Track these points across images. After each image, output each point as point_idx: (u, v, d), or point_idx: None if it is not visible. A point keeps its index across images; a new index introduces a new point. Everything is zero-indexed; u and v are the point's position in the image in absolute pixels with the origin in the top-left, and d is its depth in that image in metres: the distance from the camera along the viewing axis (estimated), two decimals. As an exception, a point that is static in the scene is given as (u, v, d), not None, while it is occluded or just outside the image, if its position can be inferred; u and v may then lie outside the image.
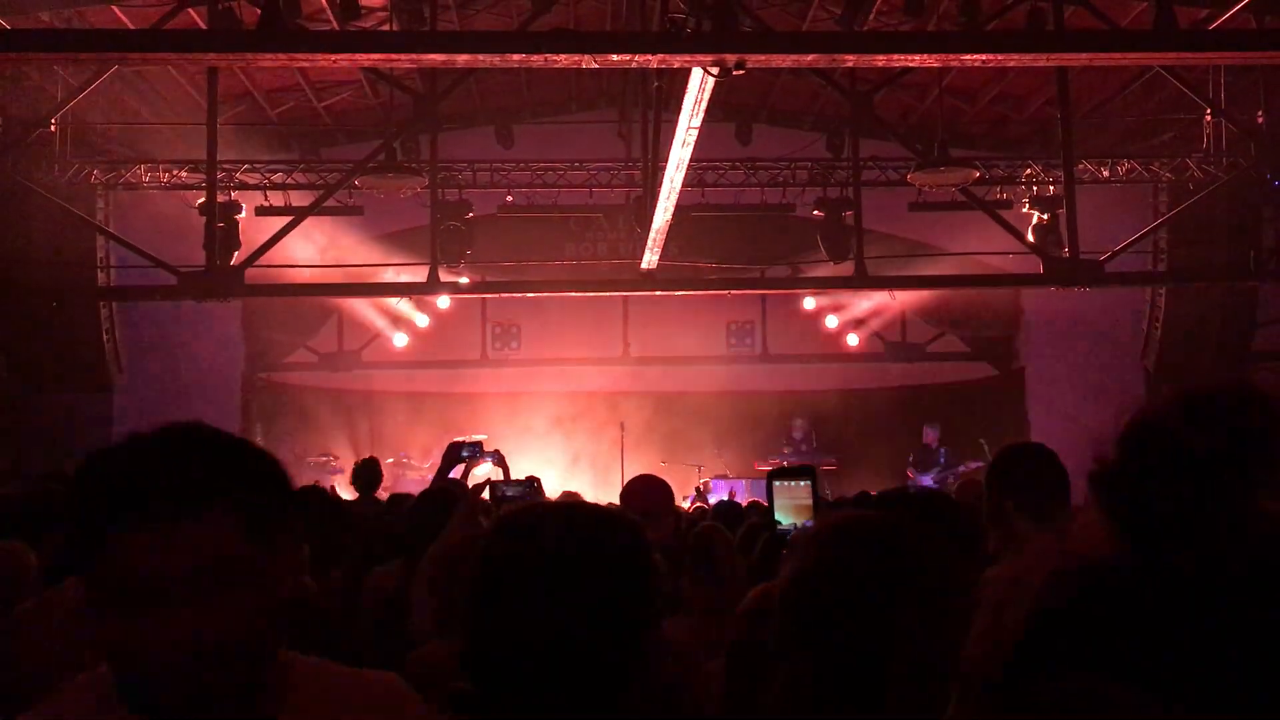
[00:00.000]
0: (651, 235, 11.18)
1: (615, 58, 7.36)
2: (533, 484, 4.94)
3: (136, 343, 13.93)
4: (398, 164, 11.80)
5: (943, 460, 14.83)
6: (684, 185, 10.58)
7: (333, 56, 7.17)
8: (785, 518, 2.13)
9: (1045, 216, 13.04)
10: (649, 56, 7.44)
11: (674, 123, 8.76)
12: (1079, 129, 12.61)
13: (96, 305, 13.23)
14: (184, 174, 13.12)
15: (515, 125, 15.30)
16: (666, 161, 9.55)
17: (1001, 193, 13.96)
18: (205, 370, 14.77)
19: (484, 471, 7.05)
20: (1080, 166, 12.98)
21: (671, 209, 10.41)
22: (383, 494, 13.46)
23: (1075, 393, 15.24)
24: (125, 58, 8.36)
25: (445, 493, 5.08)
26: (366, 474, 8.73)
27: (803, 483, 2.15)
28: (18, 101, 11.81)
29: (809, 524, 2.13)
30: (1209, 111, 12.59)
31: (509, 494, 4.40)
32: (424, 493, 5.12)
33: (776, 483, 2.16)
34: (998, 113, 14.85)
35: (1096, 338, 15.04)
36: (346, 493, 9.10)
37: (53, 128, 11.92)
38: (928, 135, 12.92)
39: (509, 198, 14.39)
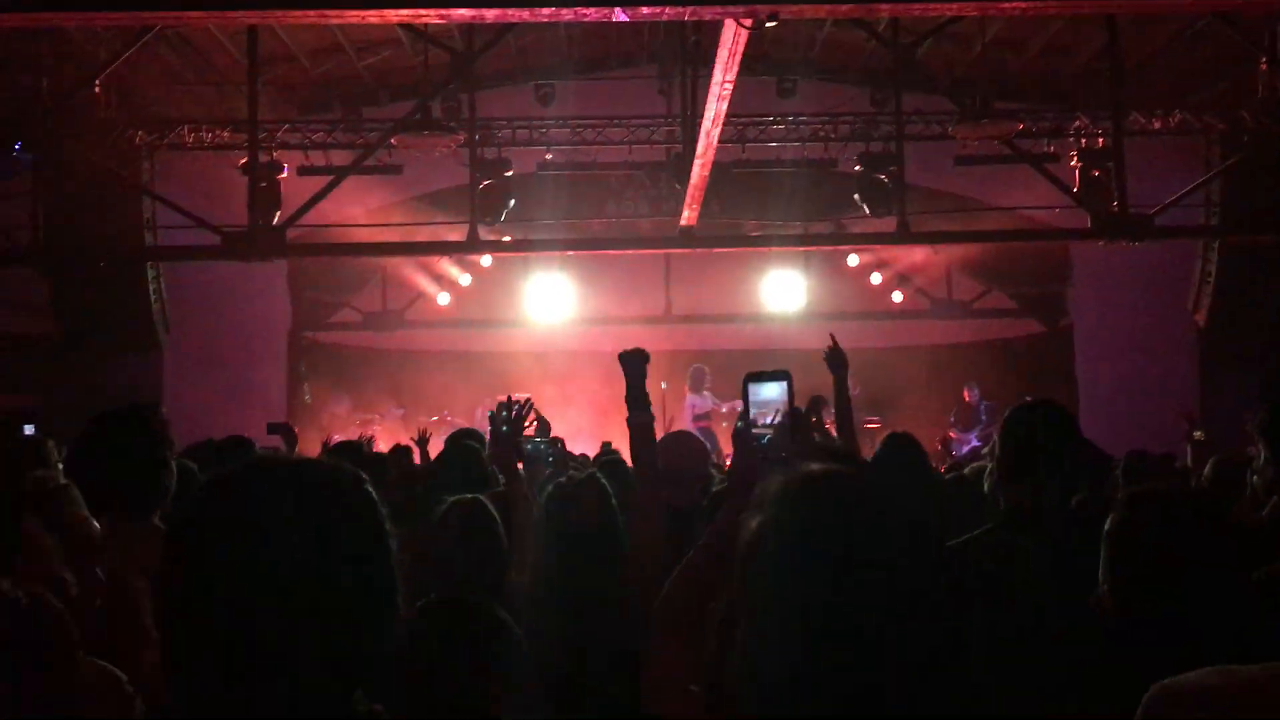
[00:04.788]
0: (689, 191, 11.11)
1: (645, 10, 7.27)
2: (556, 443, 4.97)
3: (184, 302, 14.11)
4: (433, 122, 11.81)
5: (984, 418, 14.69)
6: (725, 141, 10.50)
7: (362, 13, 7.15)
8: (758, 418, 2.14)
9: (1095, 171, 12.79)
10: (680, 9, 7.34)
11: (711, 77, 8.68)
12: (1129, 80, 12.33)
13: (144, 266, 13.42)
14: (227, 134, 13.21)
15: (556, 82, 15.22)
16: (704, 117, 9.47)
17: (1049, 145, 13.71)
18: (252, 330, 14.94)
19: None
20: (1130, 118, 12.71)
21: (708, 165, 10.32)
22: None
23: (1125, 349, 15.03)
24: (160, 17, 8.41)
25: (469, 435, 5.18)
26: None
27: (779, 384, 2.14)
28: (62, 64, 11.93)
29: (770, 419, 2.11)
30: (1264, 60, 12.23)
31: (526, 447, 4.43)
32: (450, 437, 5.27)
33: (751, 385, 2.14)
34: (1046, 64, 14.53)
35: (1147, 293, 14.76)
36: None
37: (97, 90, 12.02)
38: (973, 88, 12.69)
39: (548, 155, 14.35)
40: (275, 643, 1.30)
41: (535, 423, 5.57)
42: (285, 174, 12.71)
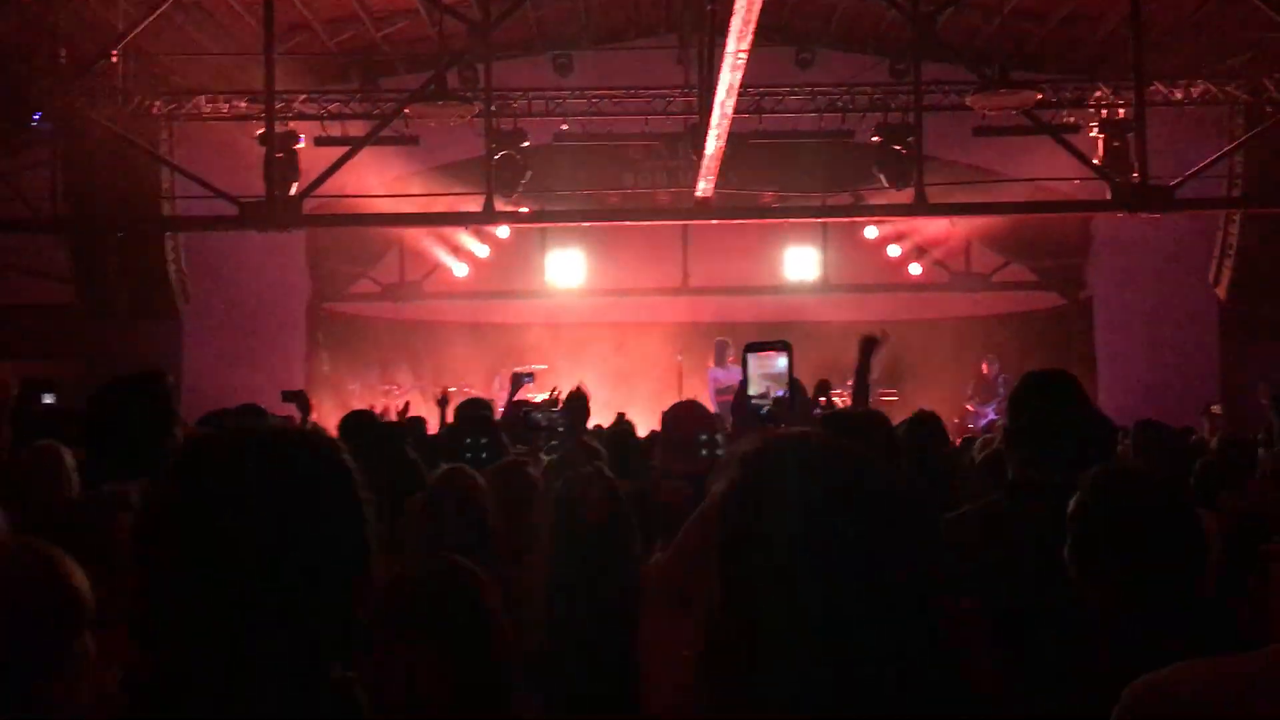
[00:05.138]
0: (704, 162, 11.06)
1: (660, -21, 7.24)
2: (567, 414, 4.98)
3: (203, 272, 14.17)
4: (449, 92, 11.79)
5: (1002, 391, 14.61)
6: (742, 112, 10.41)
7: (375, -19, 7.16)
8: (757, 388, 2.13)
9: (1116, 142, 12.67)
10: (695, -23, 7.31)
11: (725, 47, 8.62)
12: (1151, 49, 12.18)
13: (162, 235, 13.49)
14: (244, 104, 13.22)
15: (573, 53, 15.15)
16: (718, 87, 9.41)
17: (1070, 116, 13.58)
18: (270, 299, 14.99)
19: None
20: (1152, 88, 12.56)
21: (723, 135, 10.26)
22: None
23: (1145, 322, 14.94)
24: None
25: (479, 405, 5.21)
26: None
27: (778, 355, 2.14)
28: (80, 33, 11.94)
29: (781, 393, 2.10)
30: (1289, 29, 12.07)
31: (536, 417, 4.44)
32: (459, 406, 5.29)
33: (751, 355, 2.14)
34: (1067, 34, 14.36)
35: (1168, 265, 14.65)
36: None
37: (115, 60, 12.04)
38: (994, 58, 12.57)
39: (564, 126, 14.30)
40: (246, 610, 1.30)
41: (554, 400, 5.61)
42: (302, 144, 12.72)
